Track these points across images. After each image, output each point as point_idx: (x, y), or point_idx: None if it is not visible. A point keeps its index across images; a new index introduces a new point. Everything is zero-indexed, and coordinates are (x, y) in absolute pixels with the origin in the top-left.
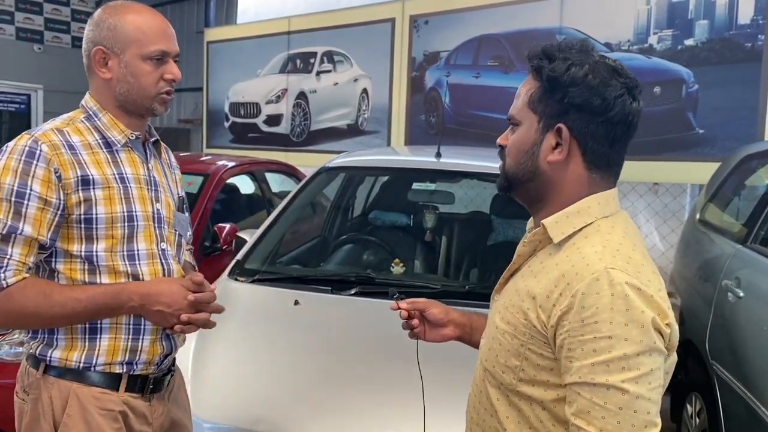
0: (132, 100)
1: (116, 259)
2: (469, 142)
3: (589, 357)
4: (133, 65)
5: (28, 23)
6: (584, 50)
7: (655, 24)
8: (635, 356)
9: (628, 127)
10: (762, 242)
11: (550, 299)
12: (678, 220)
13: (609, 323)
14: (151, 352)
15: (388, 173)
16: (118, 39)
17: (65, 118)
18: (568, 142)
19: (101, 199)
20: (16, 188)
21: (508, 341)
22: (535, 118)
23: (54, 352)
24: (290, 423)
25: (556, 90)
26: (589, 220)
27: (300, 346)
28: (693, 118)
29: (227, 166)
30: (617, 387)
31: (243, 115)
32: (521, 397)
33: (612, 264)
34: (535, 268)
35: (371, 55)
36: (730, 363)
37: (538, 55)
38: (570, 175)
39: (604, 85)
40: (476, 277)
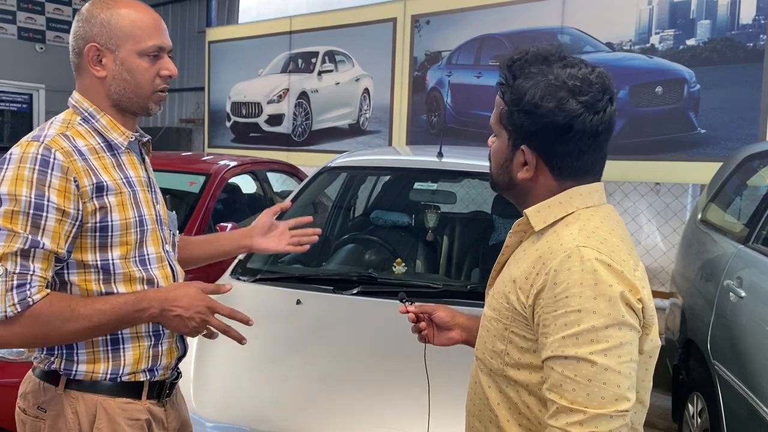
0: (127, 99)
1: (131, 266)
2: (470, 142)
3: (560, 331)
4: (129, 62)
5: (30, 23)
6: (546, 63)
7: (656, 24)
8: (603, 329)
9: (595, 138)
10: (763, 242)
11: (528, 280)
12: (679, 220)
13: (578, 297)
14: (169, 356)
15: (390, 173)
16: (112, 35)
17: (62, 121)
18: (534, 161)
19: (115, 205)
20: (34, 200)
21: (494, 326)
22: (506, 134)
23: (79, 367)
24: (292, 422)
25: (517, 114)
26: (570, 209)
27: (302, 345)
28: (694, 118)
29: (229, 166)
30: (586, 359)
31: (244, 115)
32: (509, 382)
33: (584, 243)
34: (518, 256)
35: (373, 55)
36: (731, 363)
37: (504, 70)
38: (542, 187)
39: (560, 109)
40: (478, 276)
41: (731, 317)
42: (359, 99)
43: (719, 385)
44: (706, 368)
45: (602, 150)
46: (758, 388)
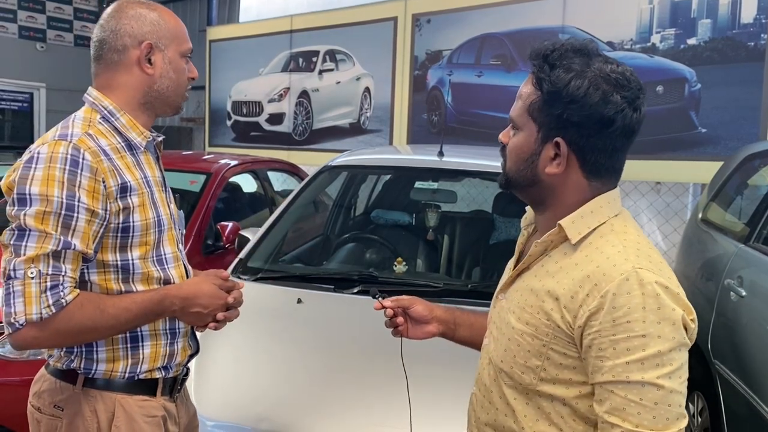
0: (166, 97)
1: (150, 266)
2: (471, 141)
3: (622, 356)
4: (176, 62)
5: (31, 21)
6: (586, 56)
7: (657, 23)
8: (668, 352)
9: (629, 137)
10: (764, 241)
11: (575, 300)
12: (680, 219)
13: (642, 322)
14: (183, 354)
15: (391, 172)
16: (162, 34)
17: (83, 120)
18: (566, 155)
19: (137, 206)
20: (66, 201)
21: (528, 342)
22: (535, 127)
23: (98, 366)
24: (293, 421)
25: (556, 104)
26: (602, 219)
27: (303, 344)
28: (695, 117)
29: (230, 165)
30: (653, 383)
31: (245, 114)
32: (541, 395)
33: (638, 264)
34: (551, 268)
35: (373, 54)
36: (732, 362)
37: (539, 60)
38: (569, 184)
39: (605, 102)
40: (478, 275)
41: (732, 316)
42: (360, 98)
43: (720, 384)
44: (707, 367)
45: (627, 152)
46: (759, 387)
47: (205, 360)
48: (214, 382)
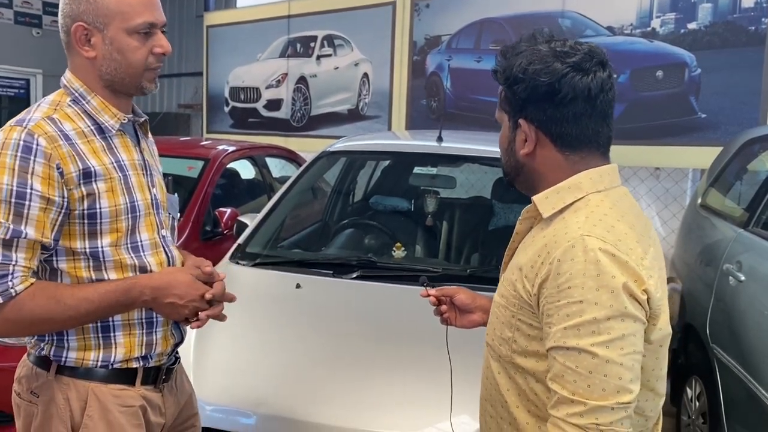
0: (120, 79)
1: (122, 253)
2: (470, 127)
3: (562, 321)
4: (118, 41)
5: (27, 7)
6: (532, 39)
7: (657, 8)
8: (605, 320)
9: (592, 101)
10: (763, 226)
11: (534, 269)
12: (679, 204)
13: (581, 288)
14: (164, 344)
15: (389, 158)
16: (99, 12)
17: (50, 103)
18: (532, 133)
19: (104, 191)
20: (16, 188)
21: (502, 313)
22: (506, 117)
23: (69, 353)
24: (292, 405)
25: (510, 89)
26: (579, 194)
27: (302, 329)
28: (695, 102)
29: (228, 151)
30: (587, 350)
31: (243, 100)
32: (517, 369)
33: (588, 231)
34: (527, 243)
35: (372, 39)
36: (730, 347)
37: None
38: (546, 162)
39: (545, 71)
40: (477, 261)
41: (730, 301)
42: (358, 84)
43: (718, 369)
44: (705, 352)
45: (604, 117)
46: (757, 372)
47: (205, 345)
48: (213, 367)
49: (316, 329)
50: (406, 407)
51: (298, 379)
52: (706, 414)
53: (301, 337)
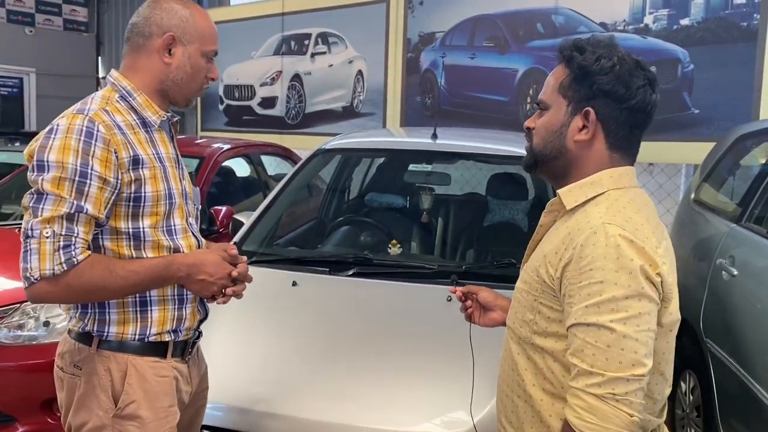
0: (179, 89)
1: (159, 235)
2: (464, 124)
3: (584, 300)
4: (195, 58)
5: (19, 6)
6: (611, 45)
7: (650, 4)
8: (623, 299)
9: (647, 116)
10: (756, 221)
11: (557, 255)
12: (673, 200)
13: (601, 270)
14: (192, 319)
15: (385, 155)
16: (187, 31)
17: (102, 97)
18: (594, 124)
19: (149, 178)
20: (80, 168)
21: (524, 298)
22: (564, 102)
23: (110, 328)
24: (289, 402)
25: (586, 78)
26: (600, 190)
27: (298, 326)
28: (688, 98)
29: (222, 149)
30: (606, 326)
31: (237, 98)
32: (536, 349)
33: (609, 220)
34: (551, 234)
35: (366, 37)
36: (723, 341)
37: (570, 48)
38: (593, 153)
39: (630, 75)
40: (472, 257)
41: (724, 296)
42: (353, 81)
43: (711, 363)
44: (699, 346)
45: (642, 134)
46: (750, 366)
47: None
48: (210, 365)
49: (313, 327)
50: (403, 403)
51: (295, 376)
52: (700, 407)
53: (297, 334)
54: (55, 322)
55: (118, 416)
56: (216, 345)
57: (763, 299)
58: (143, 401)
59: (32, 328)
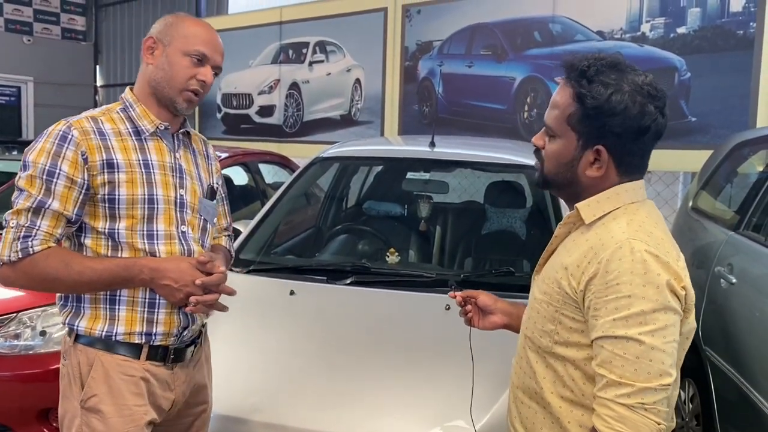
0: (162, 89)
1: (135, 237)
2: (462, 132)
3: (611, 314)
4: (173, 56)
5: (17, 15)
6: (620, 71)
7: (647, 12)
8: (651, 312)
9: (658, 139)
10: (754, 229)
11: (580, 268)
12: (671, 207)
13: (629, 284)
14: (168, 325)
15: (382, 163)
16: (168, 33)
17: (104, 108)
18: (607, 161)
19: (123, 182)
20: (48, 168)
21: (545, 309)
22: (575, 136)
23: (81, 322)
24: (287, 412)
25: (598, 117)
26: (618, 204)
27: (296, 335)
28: (685, 106)
29: (220, 158)
30: (634, 339)
31: (235, 106)
32: (556, 358)
33: (633, 236)
34: (569, 246)
35: (364, 45)
36: (722, 349)
37: (576, 74)
38: (605, 183)
39: (642, 114)
40: (470, 265)
41: (722, 303)
42: (350, 89)
43: (710, 371)
44: (698, 354)
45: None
46: (749, 374)
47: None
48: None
49: (311, 336)
50: (402, 412)
51: (293, 386)
52: (699, 416)
53: (295, 344)
54: (52, 332)
55: (84, 407)
56: (213, 354)
57: (762, 307)
58: (106, 396)
59: (29, 337)
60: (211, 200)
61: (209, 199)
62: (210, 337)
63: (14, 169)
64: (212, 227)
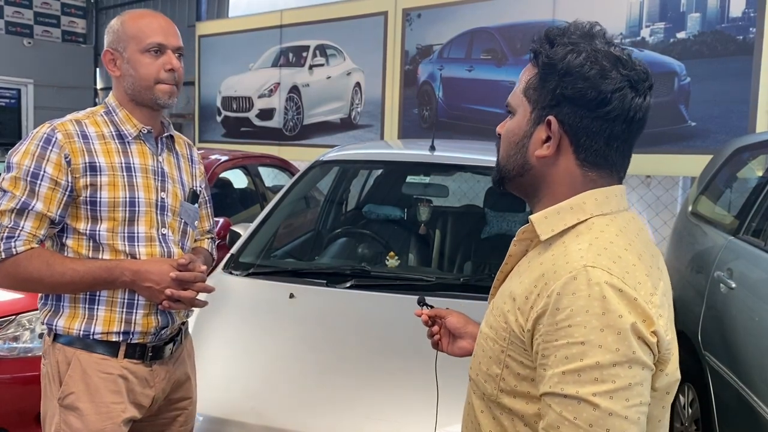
0: (137, 92)
1: (116, 239)
2: (462, 136)
3: (560, 365)
4: (133, 59)
5: (18, 17)
6: (589, 35)
7: (647, 17)
8: (610, 366)
9: (629, 124)
10: (754, 233)
11: (528, 300)
12: (670, 212)
13: (583, 327)
14: (145, 325)
15: (382, 166)
16: (120, 39)
17: (88, 112)
18: (558, 136)
19: (105, 184)
20: (32, 169)
21: (490, 347)
22: (529, 107)
23: (59, 321)
24: (285, 416)
25: (550, 78)
26: (582, 216)
27: (295, 339)
28: (685, 110)
29: (220, 161)
30: (587, 400)
31: (235, 109)
32: (503, 410)
33: (593, 262)
34: (522, 268)
35: (364, 49)
36: (722, 353)
37: (540, 39)
38: (560, 172)
39: (602, 76)
40: (470, 269)
41: (722, 308)
42: (351, 93)
43: (710, 376)
44: (697, 359)
45: (630, 145)
46: (749, 379)
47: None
48: (205, 377)
49: (310, 339)
50: (401, 417)
51: (292, 389)
52: (698, 421)
53: (294, 347)
54: None
55: (62, 405)
56: (212, 357)
57: (762, 312)
58: (83, 394)
59: (27, 340)
60: (193, 203)
61: (191, 202)
62: (209, 340)
63: None
64: (193, 230)
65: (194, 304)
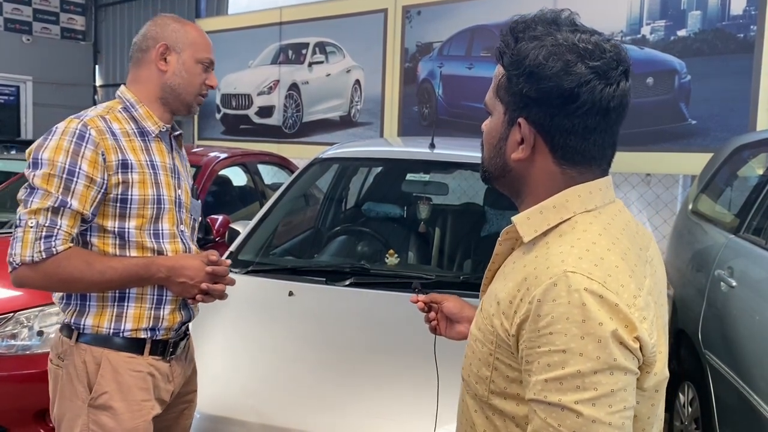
0: (178, 94)
1: (144, 236)
2: (462, 133)
3: (543, 372)
4: (189, 64)
5: (17, 14)
6: (554, 24)
7: (648, 15)
8: (591, 374)
9: (605, 115)
10: (754, 232)
11: (512, 305)
12: (670, 210)
13: (563, 335)
14: (171, 320)
15: (382, 164)
16: (179, 40)
17: (104, 107)
18: (531, 137)
19: (137, 182)
20: (68, 167)
21: (479, 349)
22: (502, 108)
23: (86, 320)
24: (284, 414)
25: (516, 79)
26: (566, 215)
27: (294, 337)
28: (685, 108)
29: (219, 158)
30: (570, 408)
31: (234, 107)
32: (495, 411)
33: (574, 267)
34: (507, 270)
35: (364, 46)
36: (722, 352)
37: (505, 35)
38: (539, 172)
39: (566, 72)
40: (469, 267)
41: (722, 307)
42: (350, 90)
43: (710, 375)
44: (697, 358)
45: (613, 134)
46: (749, 378)
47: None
48: (204, 375)
49: (309, 337)
50: (401, 415)
51: (290, 387)
52: (698, 420)
53: (293, 345)
54: (49, 332)
55: (93, 406)
56: (211, 355)
57: (762, 310)
58: (116, 393)
59: (26, 337)
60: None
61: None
62: (208, 337)
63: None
64: (197, 226)
65: (221, 297)
